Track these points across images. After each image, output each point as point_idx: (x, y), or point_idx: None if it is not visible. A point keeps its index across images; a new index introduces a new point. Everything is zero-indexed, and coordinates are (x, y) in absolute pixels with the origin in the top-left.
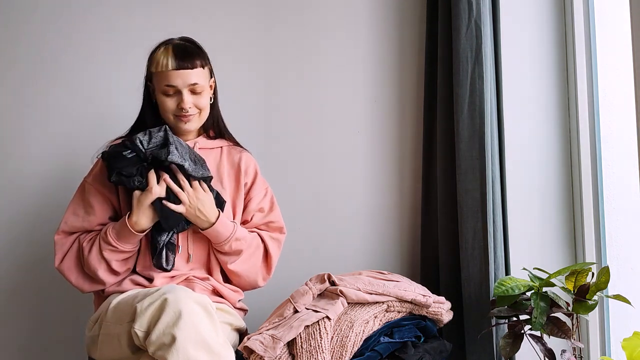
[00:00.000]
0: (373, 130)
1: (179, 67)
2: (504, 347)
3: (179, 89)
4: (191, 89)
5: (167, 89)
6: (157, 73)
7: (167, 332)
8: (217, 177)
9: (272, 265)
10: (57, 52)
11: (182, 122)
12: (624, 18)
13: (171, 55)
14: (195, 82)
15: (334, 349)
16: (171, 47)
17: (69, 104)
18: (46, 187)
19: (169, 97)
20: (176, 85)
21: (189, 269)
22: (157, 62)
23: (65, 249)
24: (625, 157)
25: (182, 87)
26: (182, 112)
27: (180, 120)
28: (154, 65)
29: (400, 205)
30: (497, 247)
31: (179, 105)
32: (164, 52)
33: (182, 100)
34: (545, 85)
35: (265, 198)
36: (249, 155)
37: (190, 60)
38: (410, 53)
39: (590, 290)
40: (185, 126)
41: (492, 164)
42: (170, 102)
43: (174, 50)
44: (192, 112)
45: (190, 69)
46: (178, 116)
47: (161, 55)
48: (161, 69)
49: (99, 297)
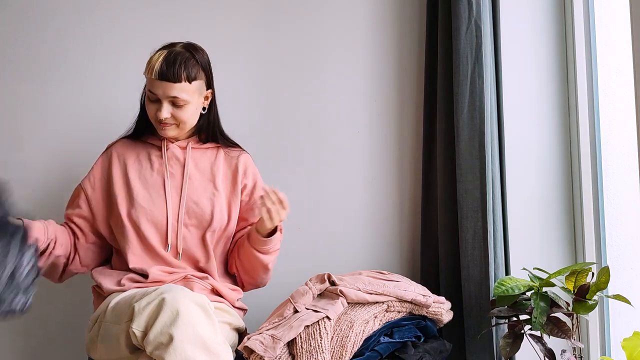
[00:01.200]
0: (373, 130)
1: (161, 78)
2: (504, 347)
3: (159, 98)
4: (171, 101)
5: (150, 94)
6: (147, 77)
7: (164, 332)
8: (210, 178)
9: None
10: (56, 52)
11: (161, 129)
12: (624, 18)
13: (159, 63)
14: (175, 96)
15: (334, 349)
16: (164, 55)
17: (69, 104)
18: (45, 187)
19: (152, 103)
20: (156, 94)
21: (182, 265)
22: (148, 67)
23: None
24: (625, 157)
25: (162, 97)
26: (161, 122)
27: (159, 126)
28: (146, 69)
29: (400, 205)
30: (497, 247)
31: (156, 113)
32: (157, 58)
33: (161, 110)
34: (545, 85)
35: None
36: (248, 157)
37: (175, 74)
38: (410, 53)
39: (590, 290)
40: (162, 132)
41: (492, 164)
42: (151, 107)
43: (164, 59)
44: (170, 122)
45: (172, 82)
46: (157, 121)
47: (153, 60)
48: (148, 74)
49: (98, 297)
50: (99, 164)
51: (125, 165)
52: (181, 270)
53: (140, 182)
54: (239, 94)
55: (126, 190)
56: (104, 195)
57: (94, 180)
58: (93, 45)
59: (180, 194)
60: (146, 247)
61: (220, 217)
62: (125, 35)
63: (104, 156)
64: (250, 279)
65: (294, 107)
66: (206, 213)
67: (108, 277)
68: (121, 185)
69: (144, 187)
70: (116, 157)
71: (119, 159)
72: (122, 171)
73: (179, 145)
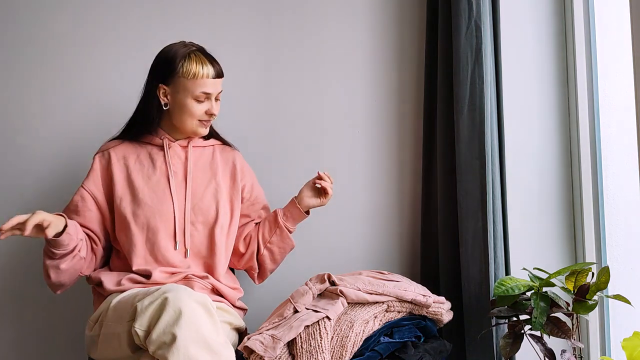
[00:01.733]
0: (373, 130)
1: (217, 76)
2: (504, 347)
3: (210, 97)
4: (217, 96)
5: (200, 96)
6: (193, 80)
7: (167, 331)
8: (211, 175)
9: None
10: (58, 52)
11: (203, 127)
12: (624, 18)
13: (208, 64)
14: (221, 90)
15: (334, 349)
16: (203, 56)
17: (71, 104)
18: (46, 187)
19: (200, 103)
20: (210, 93)
21: (186, 266)
22: (194, 70)
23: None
24: (625, 157)
25: (214, 95)
26: (208, 118)
27: (202, 125)
28: (187, 71)
29: (400, 205)
30: (497, 247)
31: (208, 111)
32: (198, 60)
33: (212, 107)
34: (545, 85)
35: (264, 197)
36: (241, 156)
37: (221, 70)
38: (410, 53)
39: (590, 290)
40: (203, 130)
41: (492, 164)
42: (200, 107)
43: (209, 60)
44: (213, 119)
45: (221, 78)
46: (201, 121)
47: (196, 64)
48: (201, 76)
49: (99, 297)
50: (98, 166)
51: (126, 166)
52: (184, 270)
53: (144, 182)
54: (239, 93)
55: (130, 191)
56: (107, 197)
57: (97, 182)
58: (95, 45)
59: (185, 191)
60: (152, 247)
61: (224, 212)
62: (127, 35)
63: (101, 158)
64: (274, 264)
65: (294, 107)
66: (211, 209)
67: (108, 277)
68: (124, 186)
69: (148, 186)
70: (116, 158)
71: (118, 160)
72: (123, 172)
73: (180, 144)
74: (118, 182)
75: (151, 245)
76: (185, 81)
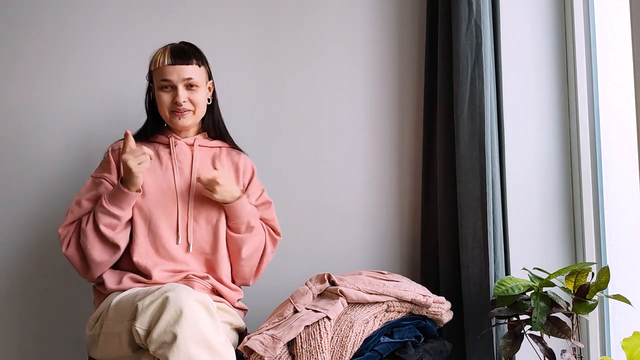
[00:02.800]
0: (373, 130)
1: (174, 63)
2: (504, 347)
3: (175, 84)
4: (186, 84)
5: (163, 84)
6: (155, 70)
7: (168, 331)
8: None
9: (263, 266)
10: (66, 52)
11: (177, 118)
12: (624, 18)
13: (168, 52)
14: (189, 77)
15: (334, 349)
16: (169, 47)
17: (78, 104)
18: (50, 186)
19: (165, 93)
20: (171, 80)
21: (187, 261)
22: (155, 60)
23: (69, 235)
24: (625, 157)
25: (177, 82)
26: (177, 107)
27: (175, 116)
28: (152, 64)
29: (400, 205)
30: (497, 247)
31: (174, 99)
32: (162, 51)
33: (177, 94)
34: (545, 85)
35: (261, 197)
36: (248, 158)
37: (186, 57)
38: (410, 53)
39: (590, 290)
40: (179, 122)
41: (492, 164)
42: (166, 97)
43: (170, 49)
44: (187, 107)
45: (186, 64)
46: (173, 112)
47: (159, 54)
48: (158, 65)
49: (99, 296)
50: (110, 159)
51: None
52: (184, 267)
53: (150, 176)
54: (239, 93)
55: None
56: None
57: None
58: (101, 46)
59: (189, 188)
60: (153, 239)
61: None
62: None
63: (113, 153)
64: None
65: (294, 107)
66: (214, 207)
67: (109, 275)
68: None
69: (154, 180)
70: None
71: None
72: None
73: (186, 142)
74: None
75: (153, 236)
76: (153, 74)
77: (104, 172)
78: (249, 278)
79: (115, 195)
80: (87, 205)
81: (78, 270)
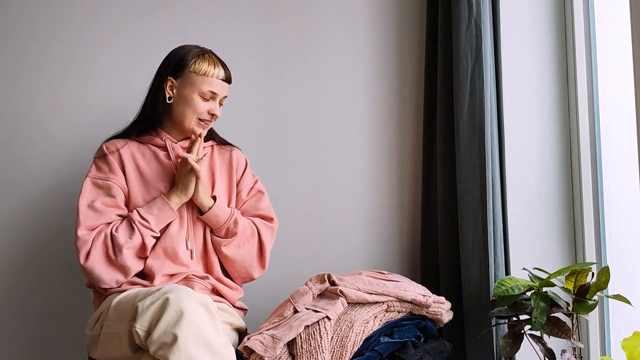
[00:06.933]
0: (373, 130)
1: (225, 80)
2: (504, 347)
3: (215, 98)
4: (221, 100)
5: (207, 93)
6: (203, 77)
7: (168, 332)
8: (210, 174)
9: (266, 255)
10: (66, 54)
11: (201, 127)
12: (624, 18)
13: (220, 66)
14: (226, 95)
15: (334, 349)
16: (217, 59)
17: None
18: (50, 187)
19: (205, 101)
20: (217, 94)
21: (189, 263)
22: (205, 68)
23: (89, 244)
24: (625, 157)
25: (219, 96)
26: (209, 118)
27: (200, 125)
28: (198, 68)
29: (400, 205)
30: (497, 247)
31: (210, 110)
32: (211, 60)
33: (215, 107)
34: (545, 85)
35: (253, 188)
36: (239, 152)
37: (230, 76)
38: (410, 53)
39: (590, 290)
40: (202, 130)
41: (492, 164)
42: (204, 105)
43: (221, 63)
44: (213, 121)
45: (229, 84)
46: (202, 120)
47: (209, 63)
48: (211, 75)
49: (99, 297)
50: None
51: (137, 165)
52: (185, 270)
53: (160, 180)
54: (240, 93)
55: (143, 186)
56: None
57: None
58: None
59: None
60: (166, 243)
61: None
62: (133, 37)
63: (114, 155)
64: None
65: (294, 107)
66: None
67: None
68: (136, 182)
69: (157, 184)
70: (127, 156)
71: (129, 158)
72: (135, 169)
73: (182, 145)
74: (130, 177)
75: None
76: (194, 77)
77: (109, 174)
78: (246, 276)
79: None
80: (104, 209)
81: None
